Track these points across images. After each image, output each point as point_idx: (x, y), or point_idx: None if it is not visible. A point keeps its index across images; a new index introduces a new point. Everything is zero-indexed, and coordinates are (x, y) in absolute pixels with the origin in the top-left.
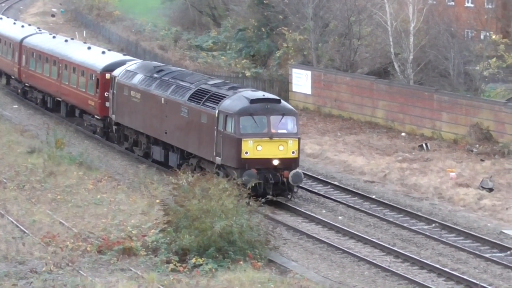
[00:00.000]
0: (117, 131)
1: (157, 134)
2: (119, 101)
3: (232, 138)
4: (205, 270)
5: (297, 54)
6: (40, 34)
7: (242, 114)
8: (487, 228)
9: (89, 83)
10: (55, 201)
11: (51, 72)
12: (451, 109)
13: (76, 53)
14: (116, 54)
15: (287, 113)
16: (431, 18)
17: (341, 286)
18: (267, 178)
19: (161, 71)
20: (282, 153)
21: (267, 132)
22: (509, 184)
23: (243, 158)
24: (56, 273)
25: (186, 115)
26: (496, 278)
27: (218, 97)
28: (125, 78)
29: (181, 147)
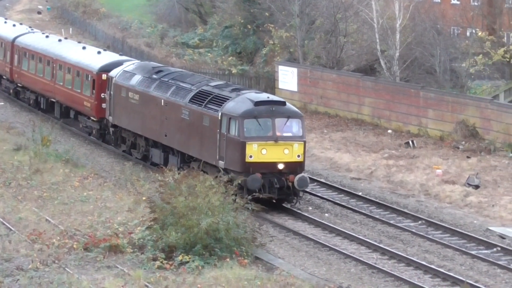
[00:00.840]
0: (114, 133)
1: (156, 137)
2: (117, 103)
3: (236, 142)
4: (192, 267)
5: (283, 51)
6: (33, 34)
7: (246, 117)
8: (474, 225)
9: (84, 84)
10: (41, 198)
11: (45, 72)
12: (437, 106)
13: (70, 53)
14: (112, 54)
15: (292, 115)
16: (417, 15)
17: (327, 283)
18: (272, 182)
19: (160, 72)
20: (288, 157)
21: (272, 135)
22: (495, 181)
23: (247, 162)
24: (43, 271)
25: (187, 117)
26: (482, 275)
27: (221, 99)
28: (123, 79)
29: (182, 150)
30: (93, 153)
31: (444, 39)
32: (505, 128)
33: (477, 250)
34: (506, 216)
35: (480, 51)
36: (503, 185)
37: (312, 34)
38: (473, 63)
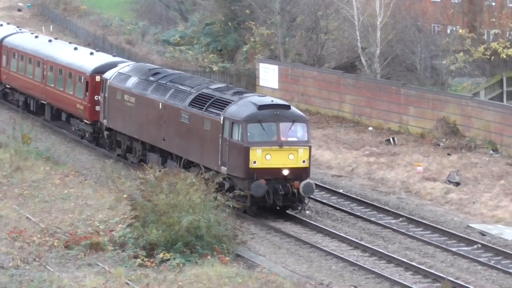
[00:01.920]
0: (109, 137)
1: (154, 141)
2: (111, 105)
3: (239, 147)
4: (173, 265)
5: (264, 48)
6: (21, 34)
7: (250, 121)
8: (454, 222)
9: (77, 86)
10: (22, 196)
11: (35, 73)
12: (418, 104)
13: (62, 53)
14: (105, 55)
15: (297, 119)
16: (398, 13)
17: (308, 281)
18: (276, 189)
19: (157, 74)
20: (293, 162)
21: (277, 140)
22: (476, 178)
23: (251, 168)
24: (23, 269)
25: (187, 121)
26: (463, 272)
27: (222, 102)
28: (118, 81)
29: (181, 155)
30: (74, 150)
31: (424, 37)
32: (486, 125)
33: (458, 247)
34: (487, 213)
35: (461, 49)
36: (484, 182)
37: (293, 31)
38: (453, 60)
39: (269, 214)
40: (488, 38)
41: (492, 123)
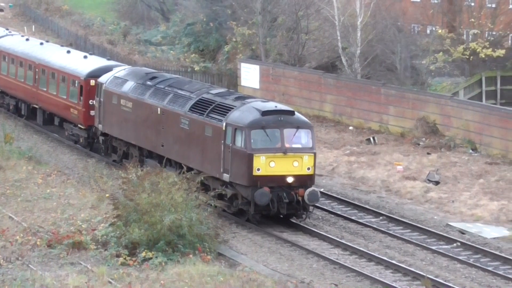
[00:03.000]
0: (104, 142)
1: (152, 147)
2: (107, 110)
3: (242, 154)
4: (155, 263)
5: (245, 48)
6: (11, 36)
7: (253, 127)
8: (434, 221)
9: (71, 90)
10: (4, 195)
11: (26, 77)
12: (398, 103)
13: (54, 57)
14: (99, 58)
15: (301, 126)
16: (378, 13)
17: (289, 279)
18: (280, 196)
19: (154, 78)
20: (297, 170)
21: (281, 147)
22: (455, 177)
23: (254, 175)
24: (6, 267)
25: (187, 127)
26: (442, 270)
27: (224, 108)
28: (114, 86)
29: (180, 161)
30: (56, 150)
31: (404, 37)
32: (465, 125)
33: (438, 245)
34: (466, 212)
35: (440, 49)
36: (463, 181)
37: (274, 31)
38: (433, 60)
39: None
40: (467, 38)
41: (471, 122)
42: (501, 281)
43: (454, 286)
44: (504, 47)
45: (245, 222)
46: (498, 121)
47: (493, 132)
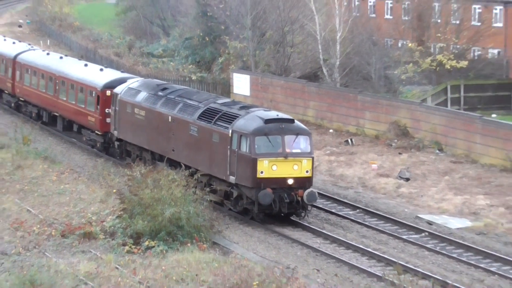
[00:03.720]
0: (119, 147)
1: (163, 151)
2: (122, 118)
3: (247, 158)
4: (157, 251)
5: (237, 60)
6: (33, 51)
7: (257, 134)
8: (405, 213)
9: (88, 100)
10: (23, 191)
11: (47, 87)
12: (373, 109)
13: (73, 69)
14: (114, 71)
15: (301, 132)
16: (355, 28)
17: (276, 265)
18: (282, 197)
19: (165, 89)
20: (297, 172)
21: (282, 152)
22: (424, 174)
23: (258, 178)
24: (24, 255)
25: (195, 134)
26: (412, 257)
27: (230, 116)
28: (128, 96)
29: (190, 165)
30: (69, 151)
31: (378, 49)
32: (432, 128)
33: (408, 235)
34: (433, 205)
35: (410, 60)
36: (431, 178)
37: (262, 45)
38: (404, 70)
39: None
40: (435, 51)
41: (438, 126)
42: (464, 266)
43: (423, 271)
44: (467, 59)
45: (236, 214)
46: (462, 124)
47: (457, 135)
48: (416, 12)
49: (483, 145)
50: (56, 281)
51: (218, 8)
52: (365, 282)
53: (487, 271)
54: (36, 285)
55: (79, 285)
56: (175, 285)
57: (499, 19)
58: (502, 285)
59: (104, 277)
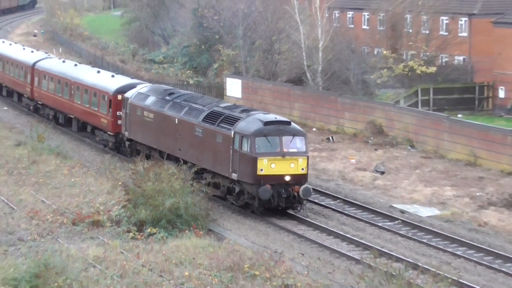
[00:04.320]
0: (130, 146)
1: (170, 150)
2: (132, 120)
3: (248, 157)
4: (158, 237)
5: (230, 66)
6: (50, 59)
7: (257, 135)
8: (380, 203)
9: (101, 103)
10: (38, 183)
11: (63, 92)
12: (352, 110)
13: (87, 76)
14: (124, 77)
15: (297, 133)
16: (335, 38)
17: (265, 250)
18: (280, 192)
19: (172, 94)
20: (293, 170)
21: (280, 151)
22: (397, 168)
23: (258, 175)
24: (39, 241)
25: (200, 135)
26: (387, 242)
27: (232, 119)
28: (138, 100)
29: (195, 163)
30: (79, 147)
31: (357, 57)
32: (405, 127)
33: (383, 222)
34: (406, 196)
35: (385, 66)
36: (403, 172)
37: (252, 52)
38: (379, 75)
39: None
40: (407, 58)
41: (410, 125)
42: (433, 250)
43: (397, 255)
44: (435, 65)
45: (229, 205)
46: (431, 124)
47: (427, 133)
48: (390, 23)
49: (450, 142)
50: (67, 264)
51: (213, 20)
52: (344, 264)
53: (453, 254)
54: (50, 268)
55: (88, 268)
56: (174, 267)
57: (464, 29)
58: (466, 267)
59: (111, 261)
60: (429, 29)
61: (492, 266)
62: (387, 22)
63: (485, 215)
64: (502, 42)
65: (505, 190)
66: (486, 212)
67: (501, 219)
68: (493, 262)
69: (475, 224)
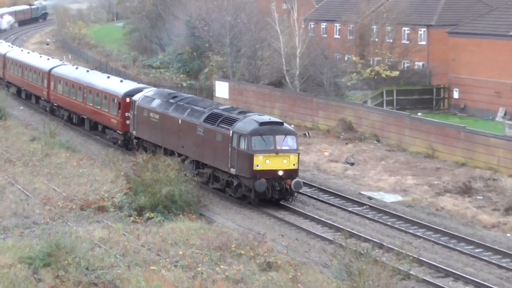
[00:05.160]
0: (137, 144)
1: (174, 148)
2: (139, 120)
3: (245, 154)
4: (156, 221)
5: (218, 70)
6: (64, 66)
7: (253, 135)
8: (350, 191)
9: (111, 105)
10: (50, 174)
11: (77, 95)
12: (325, 109)
13: (98, 81)
14: (131, 82)
15: (288, 133)
16: (311, 46)
17: (250, 231)
18: (273, 185)
19: (175, 97)
20: (286, 166)
21: (274, 149)
22: (365, 160)
23: (254, 170)
24: (51, 224)
25: (202, 134)
26: (356, 225)
27: (231, 120)
28: (145, 103)
29: (197, 159)
30: (86, 142)
31: (329, 62)
32: (371, 124)
33: (353, 207)
34: (373, 184)
35: (354, 70)
36: (370, 163)
37: (238, 58)
38: (349, 78)
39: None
40: (373, 63)
41: (376, 122)
42: (396, 232)
43: (365, 236)
44: (398, 70)
45: (218, 192)
46: (394, 121)
47: (391, 129)
48: (358, 33)
49: (411, 137)
50: (76, 244)
51: (203, 30)
52: (319, 244)
53: (414, 235)
54: (61, 248)
55: (94, 247)
56: (170, 247)
57: (423, 39)
58: (425, 246)
59: (114, 241)
60: (393, 38)
61: (448, 246)
62: (356, 32)
63: (441, 201)
64: (456, 50)
65: (459, 179)
66: (443, 198)
67: (455, 204)
68: (449, 242)
69: (433, 208)
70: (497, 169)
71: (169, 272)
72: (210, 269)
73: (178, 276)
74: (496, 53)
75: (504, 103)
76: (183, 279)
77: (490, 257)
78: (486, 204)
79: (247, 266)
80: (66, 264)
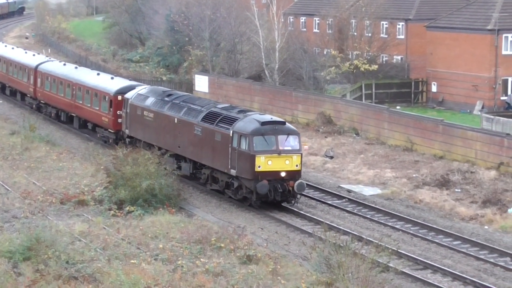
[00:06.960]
0: (130, 143)
1: (170, 147)
2: (132, 119)
3: (246, 155)
4: (136, 215)
5: (198, 64)
6: (52, 62)
7: (255, 134)
8: (330, 184)
9: (102, 103)
10: (30, 168)
11: (65, 92)
12: (304, 102)
13: (88, 78)
14: (122, 79)
15: (291, 133)
16: (290, 40)
17: (230, 225)
18: (276, 187)
19: (170, 95)
20: (288, 166)
21: (276, 149)
22: (344, 153)
23: (256, 171)
24: (31, 218)
25: (199, 133)
26: (335, 218)
27: (230, 119)
28: (138, 101)
29: (194, 159)
30: (66, 136)
31: (308, 56)
32: (350, 117)
33: (332, 200)
34: (352, 177)
35: (333, 64)
36: (349, 156)
37: (218, 52)
38: (328, 72)
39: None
40: (352, 57)
41: (355, 115)
42: (375, 224)
43: (344, 228)
44: (377, 64)
45: (198, 186)
46: (373, 114)
47: (370, 122)
48: (337, 27)
49: (390, 130)
50: (56, 238)
51: (183, 24)
52: (299, 237)
53: (393, 228)
54: (41, 242)
55: (74, 241)
56: (150, 241)
57: (401, 33)
58: (404, 239)
59: (94, 235)
60: (371, 32)
61: (426, 238)
62: (335, 26)
63: (420, 194)
64: (433, 44)
65: (437, 172)
66: (421, 191)
67: (433, 197)
68: (427, 234)
69: (411, 201)
70: (474, 162)
71: (149, 265)
72: (190, 262)
73: (158, 269)
74: (474, 47)
75: (481, 97)
76: (163, 272)
77: (468, 249)
78: (464, 196)
79: (227, 259)
80: (46, 258)
